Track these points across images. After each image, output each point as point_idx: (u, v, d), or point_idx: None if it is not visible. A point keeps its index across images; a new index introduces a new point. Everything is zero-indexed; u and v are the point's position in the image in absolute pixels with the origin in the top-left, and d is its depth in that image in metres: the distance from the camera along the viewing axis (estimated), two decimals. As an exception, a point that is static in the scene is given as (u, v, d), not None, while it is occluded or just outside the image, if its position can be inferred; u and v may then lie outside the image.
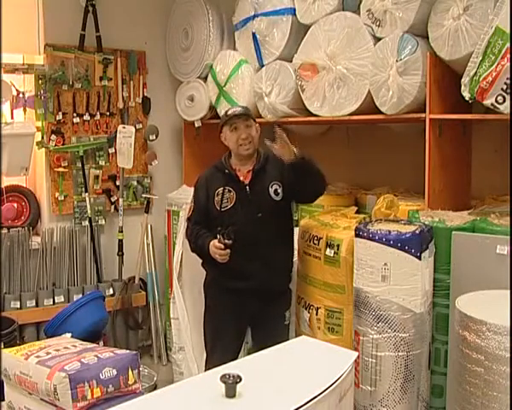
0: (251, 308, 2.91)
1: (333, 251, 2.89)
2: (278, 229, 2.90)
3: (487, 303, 2.27)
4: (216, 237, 2.78)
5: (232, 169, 2.92)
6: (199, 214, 2.96)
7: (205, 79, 4.09)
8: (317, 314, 3.00)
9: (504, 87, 2.44)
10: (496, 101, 2.48)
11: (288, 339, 2.83)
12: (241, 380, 1.59)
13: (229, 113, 2.92)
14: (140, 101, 4.44)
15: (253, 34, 3.65)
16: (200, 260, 3.05)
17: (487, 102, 2.51)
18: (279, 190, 2.88)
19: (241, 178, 2.90)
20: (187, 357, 3.72)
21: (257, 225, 2.83)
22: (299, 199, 3.11)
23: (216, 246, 2.76)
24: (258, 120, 3.36)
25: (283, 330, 2.97)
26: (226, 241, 2.73)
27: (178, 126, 4.49)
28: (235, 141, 2.87)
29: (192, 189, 4.03)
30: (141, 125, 4.42)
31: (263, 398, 1.62)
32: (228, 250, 2.75)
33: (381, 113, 3.00)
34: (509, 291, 2.21)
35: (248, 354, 2.96)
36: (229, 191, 2.88)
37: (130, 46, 4.35)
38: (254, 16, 3.64)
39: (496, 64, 2.45)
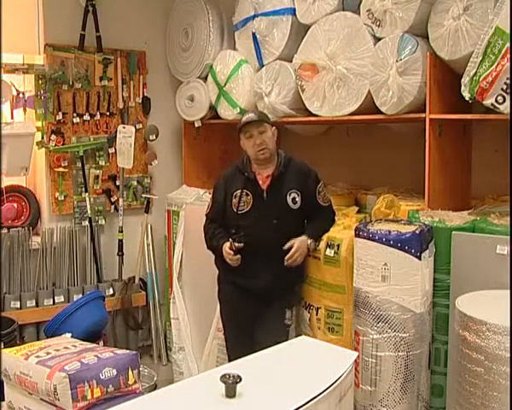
0: (254, 306, 2.94)
1: (333, 251, 2.90)
2: (293, 236, 2.90)
3: (487, 303, 2.27)
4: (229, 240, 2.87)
5: (252, 172, 2.94)
6: (216, 213, 3.02)
7: (205, 79, 4.09)
8: (317, 314, 3.00)
9: (504, 87, 2.44)
10: (496, 101, 2.48)
11: (287, 337, 2.84)
12: (241, 380, 1.59)
13: (243, 120, 2.93)
14: (140, 101, 4.44)
15: (253, 34, 3.64)
16: (201, 261, 3.06)
17: (487, 102, 2.51)
18: (297, 199, 2.91)
19: (260, 183, 2.92)
20: (187, 357, 3.73)
21: (271, 231, 2.86)
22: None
23: (227, 251, 2.86)
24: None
25: (283, 328, 2.92)
26: (236, 244, 2.83)
27: (178, 126, 4.48)
28: (251, 147, 2.89)
29: (192, 189, 4.09)
30: (141, 125, 4.42)
31: (263, 398, 1.63)
32: (238, 256, 2.84)
33: (381, 113, 3.00)
34: (508, 291, 2.22)
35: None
36: (247, 195, 2.92)
37: (130, 46, 4.35)
38: (254, 16, 3.64)
39: (496, 64, 2.45)
